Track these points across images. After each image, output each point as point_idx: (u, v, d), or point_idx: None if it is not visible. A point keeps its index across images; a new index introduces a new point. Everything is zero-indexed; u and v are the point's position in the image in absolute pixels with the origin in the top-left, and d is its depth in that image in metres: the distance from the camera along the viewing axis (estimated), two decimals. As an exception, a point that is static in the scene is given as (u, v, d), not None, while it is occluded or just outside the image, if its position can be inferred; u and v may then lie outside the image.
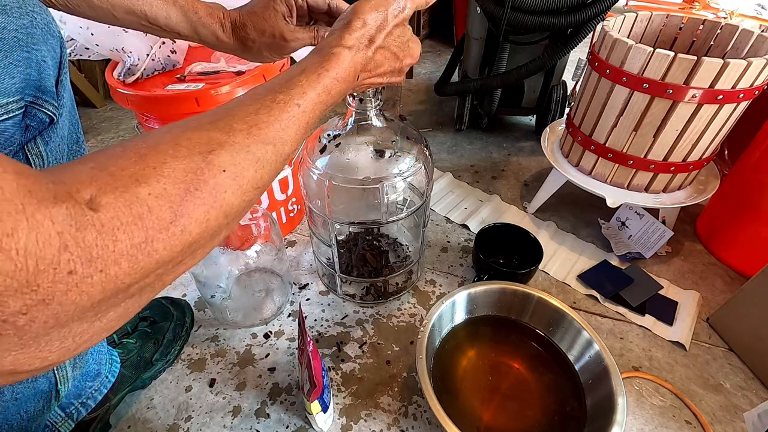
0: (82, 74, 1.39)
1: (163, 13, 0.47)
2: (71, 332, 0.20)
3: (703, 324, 0.73)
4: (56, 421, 0.52)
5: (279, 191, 0.83)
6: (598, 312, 0.75)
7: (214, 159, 0.25)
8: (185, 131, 0.26)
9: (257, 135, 0.28)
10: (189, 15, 0.48)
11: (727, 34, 0.76)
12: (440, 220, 0.95)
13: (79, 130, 0.44)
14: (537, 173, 1.10)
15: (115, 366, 0.58)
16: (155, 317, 0.69)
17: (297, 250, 0.88)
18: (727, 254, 0.83)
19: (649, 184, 0.79)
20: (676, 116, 0.69)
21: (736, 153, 0.88)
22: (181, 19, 0.48)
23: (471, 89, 1.13)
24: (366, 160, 0.61)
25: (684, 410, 0.61)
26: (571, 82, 1.27)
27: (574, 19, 0.91)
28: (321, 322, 0.73)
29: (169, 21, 0.48)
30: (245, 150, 0.27)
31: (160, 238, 0.21)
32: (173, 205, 0.22)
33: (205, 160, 0.25)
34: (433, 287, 0.79)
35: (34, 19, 0.33)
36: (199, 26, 0.49)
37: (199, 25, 0.49)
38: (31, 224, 0.17)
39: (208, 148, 0.25)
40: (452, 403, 0.57)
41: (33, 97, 0.34)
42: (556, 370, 0.61)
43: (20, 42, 0.32)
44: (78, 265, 0.18)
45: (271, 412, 0.61)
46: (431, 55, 1.81)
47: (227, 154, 0.26)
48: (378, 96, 0.58)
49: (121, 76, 0.71)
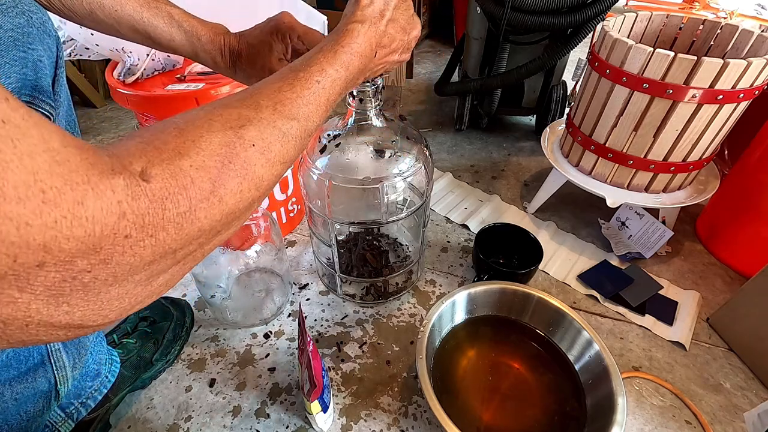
0: (82, 74, 1.39)
1: (166, 36, 0.48)
2: (127, 293, 0.22)
3: (703, 324, 0.73)
4: (56, 421, 0.52)
5: (279, 191, 0.83)
6: (598, 312, 0.75)
7: (245, 134, 0.27)
8: (217, 108, 0.28)
9: (281, 111, 0.30)
10: (192, 39, 0.50)
11: (727, 34, 0.76)
12: (440, 220, 0.95)
13: (76, 130, 0.44)
14: (537, 173, 1.10)
15: (115, 366, 0.58)
16: (155, 317, 0.69)
17: (297, 250, 0.88)
18: (727, 254, 0.83)
19: (649, 184, 0.79)
20: (676, 116, 0.69)
21: (736, 153, 0.88)
22: (184, 43, 0.50)
23: (471, 89, 1.13)
24: (366, 160, 0.61)
25: (684, 410, 0.61)
26: (571, 82, 1.27)
27: (574, 19, 0.91)
28: (321, 322, 0.73)
29: (172, 42, 0.49)
30: (272, 125, 0.29)
31: (202, 207, 0.24)
32: (211, 176, 0.24)
33: (236, 134, 0.26)
34: (433, 287, 0.79)
35: (30, 19, 0.33)
36: (200, 51, 0.50)
37: (200, 50, 0.50)
38: (97, 193, 0.19)
39: (239, 123, 0.27)
40: (452, 403, 0.57)
41: (29, 96, 0.34)
42: (556, 370, 0.61)
43: (16, 41, 0.32)
44: (133, 230, 0.20)
45: (271, 412, 0.61)
46: (431, 55, 1.81)
47: (255, 129, 0.27)
48: (378, 96, 0.58)
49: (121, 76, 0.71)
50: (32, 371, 0.43)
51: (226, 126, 0.26)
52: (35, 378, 0.44)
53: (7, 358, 0.41)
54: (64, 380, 0.47)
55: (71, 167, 0.18)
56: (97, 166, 0.19)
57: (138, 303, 0.24)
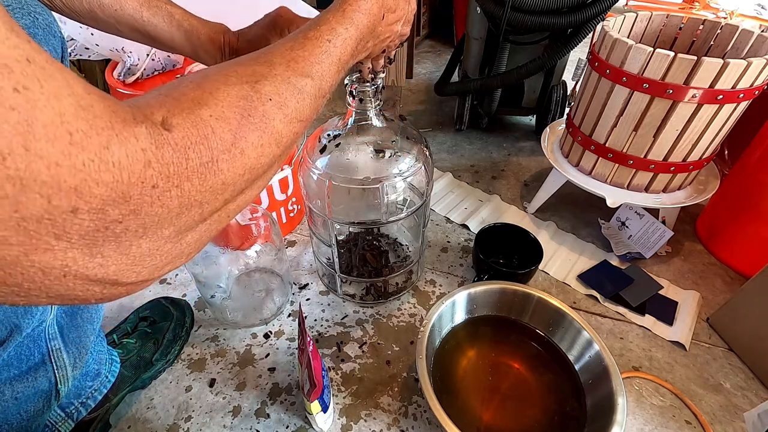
0: (82, 74, 1.39)
1: (166, 35, 0.48)
2: (158, 249, 0.22)
3: (703, 324, 0.73)
4: (56, 420, 0.52)
5: (279, 191, 0.83)
6: (598, 312, 0.75)
7: (261, 88, 0.27)
8: (231, 65, 0.28)
9: (295, 68, 0.30)
10: (191, 39, 0.50)
11: (727, 34, 0.76)
12: (440, 220, 0.95)
13: None
14: (537, 173, 1.10)
15: (115, 366, 0.58)
16: (155, 317, 0.69)
17: (297, 250, 0.88)
18: (727, 254, 0.83)
19: (649, 184, 0.79)
20: (676, 116, 0.69)
21: (736, 153, 0.88)
22: (184, 42, 0.50)
23: (471, 89, 1.13)
24: (366, 160, 0.61)
25: (684, 410, 0.61)
26: (571, 82, 1.27)
27: (574, 19, 0.91)
28: (321, 322, 0.73)
29: (173, 42, 0.49)
30: (286, 81, 0.29)
31: (224, 158, 0.24)
32: (232, 127, 0.24)
33: (253, 88, 0.27)
34: (433, 287, 0.79)
35: (36, 20, 0.34)
36: (200, 50, 0.51)
37: (200, 49, 0.50)
38: (121, 140, 0.19)
39: (254, 78, 0.27)
40: (452, 403, 0.57)
41: None
42: (556, 370, 0.61)
43: None
44: (159, 180, 0.20)
45: (271, 412, 0.61)
46: (431, 55, 1.81)
47: (271, 84, 0.28)
48: (378, 96, 0.58)
49: (121, 76, 0.71)
50: (33, 370, 0.43)
51: (242, 80, 0.27)
52: (36, 377, 0.44)
53: (7, 357, 0.41)
54: (65, 380, 0.47)
55: (95, 112, 0.18)
56: (119, 113, 0.19)
57: (169, 262, 0.24)
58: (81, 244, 0.19)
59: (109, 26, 0.47)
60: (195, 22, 0.50)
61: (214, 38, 0.50)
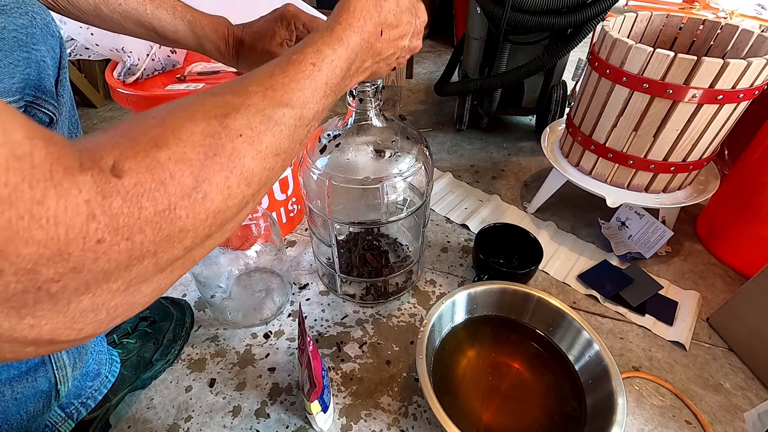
0: (82, 74, 1.39)
1: (171, 27, 0.49)
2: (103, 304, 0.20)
3: (703, 324, 0.73)
4: (56, 421, 0.52)
5: (279, 191, 0.83)
6: (598, 312, 0.75)
7: (230, 123, 0.24)
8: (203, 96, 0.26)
9: (272, 97, 0.27)
10: (196, 30, 0.50)
11: (727, 34, 0.76)
12: (440, 220, 0.95)
13: (78, 130, 0.44)
14: (537, 173, 1.10)
15: (115, 366, 0.58)
16: (155, 317, 0.69)
17: (297, 250, 0.88)
18: (727, 254, 0.83)
19: (649, 184, 0.79)
20: (676, 116, 0.69)
21: (736, 153, 0.88)
22: (188, 34, 0.50)
23: (471, 89, 1.13)
24: (366, 160, 0.61)
25: (684, 410, 0.61)
26: (571, 82, 1.27)
27: (574, 19, 0.91)
28: (321, 322, 0.73)
29: (177, 35, 0.49)
30: (261, 113, 0.26)
31: (183, 204, 0.21)
32: (194, 170, 0.22)
33: (221, 124, 0.24)
34: (433, 287, 0.79)
35: (34, 19, 0.34)
36: (204, 41, 0.51)
37: (204, 40, 0.51)
38: (59, 192, 0.17)
39: (224, 111, 0.25)
40: (452, 403, 0.57)
41: (32, 97, 0.34)
42: (556, 370, 0.61)
43: (20, 42, 0.32)
44: (106, 233, 0.18)
45: (271, 412, 0.61)
46: (431, 55, 1.81)
47: (243, 117, 0.25)
48: (378, 96, 0.58)
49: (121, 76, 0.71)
50: (32, 371, 0.43)
51: (210, 115, 0.24)
52: (35, 377, 0.44)
53: (7, 357, 0.41)
54: (65, 380, 0.47)
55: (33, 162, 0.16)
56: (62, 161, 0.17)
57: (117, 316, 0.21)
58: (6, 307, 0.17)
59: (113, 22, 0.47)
60: (197, 14, 0.50)
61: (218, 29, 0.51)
